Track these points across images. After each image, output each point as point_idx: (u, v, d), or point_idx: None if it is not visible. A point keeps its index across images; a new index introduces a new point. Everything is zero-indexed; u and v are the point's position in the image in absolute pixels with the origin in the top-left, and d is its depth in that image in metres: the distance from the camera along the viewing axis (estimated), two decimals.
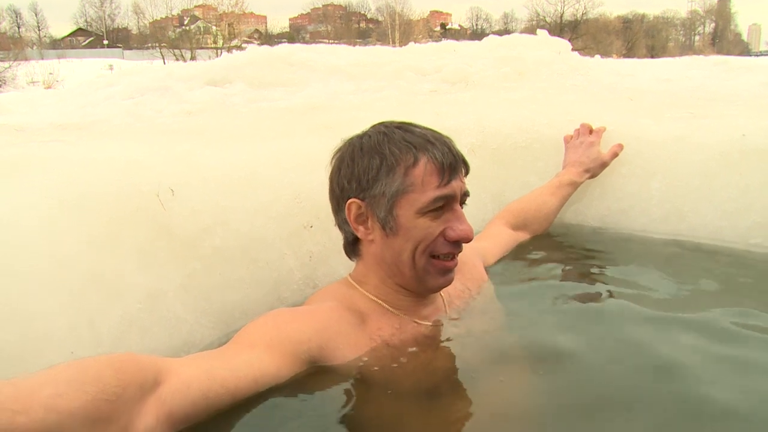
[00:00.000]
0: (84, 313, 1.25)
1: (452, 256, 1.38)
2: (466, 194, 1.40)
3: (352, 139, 1.42)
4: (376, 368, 1.27)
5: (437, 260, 1.36)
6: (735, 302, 1.66)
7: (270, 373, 1.15)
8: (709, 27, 77.06)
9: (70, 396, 0.85)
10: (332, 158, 1.43)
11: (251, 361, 1.14)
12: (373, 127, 1.43)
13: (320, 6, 78.53)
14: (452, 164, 1.34)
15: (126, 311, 1.32)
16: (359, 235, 1.40)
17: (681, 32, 76.07)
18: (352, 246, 1.46)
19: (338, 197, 1.41)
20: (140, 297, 1.36)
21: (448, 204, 1.34)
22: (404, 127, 1.39)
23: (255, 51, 3.63)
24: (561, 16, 58.93)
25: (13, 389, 0.83)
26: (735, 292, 1.76)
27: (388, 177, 1.33)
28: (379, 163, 1.33)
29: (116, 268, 1.36)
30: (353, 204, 1.37)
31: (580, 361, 1.37)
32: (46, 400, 0.83)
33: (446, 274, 1.39)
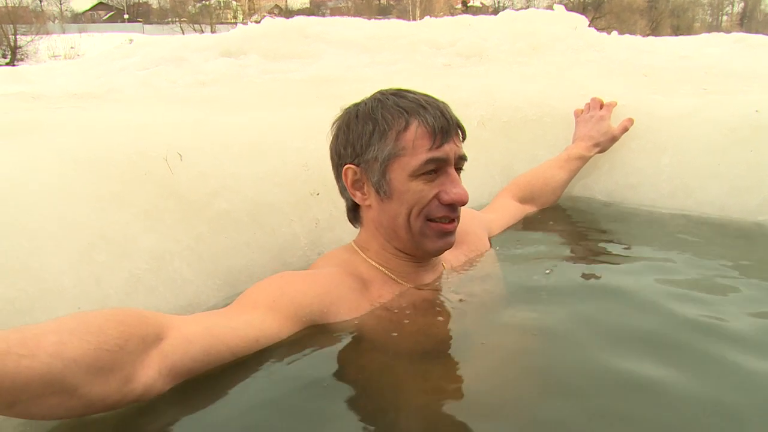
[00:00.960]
0: (92, 271, 1.28)
1: (449, 220, 1.39)
2: (462, 158, 1.41)
3: (349, 107, 1.45)
4: (375, 331, 1.29)
5: (434, 223, 1.38)
6: (741, 277, 1.66)
7: (271, 334, 1.19)
8: (738, 6, 75.36)
9: (74, 344, 0.89)
10: (331, 127, 1.46)
11: (253, 321, 1.18)
12: (371, 95, 1.45)
13: None
14: (444, 127, 1.35)
15: (133, 271, 1.36)
16: (357, 200, 1.43)
17: (708, 12, 74.46)
18: (354, 212, 1.49)
19: (336, 164, 1.44)
20: (147, 257, 1.39)
21: (442, 167, 1.36)
22: (399, 93, 1.41)
23: (270, 23, 3.64)
24: None
25: (20, 335, 0.86)
26: (741, 268, 1.75)
27: (380, 141, 1.35)
28: (372, 128, 1.36)
29: (124, 229, 1.40)
30: (349, 170, 1.40)
31: (579, 331, 1.37)
32: (50, 347, 0.86)
33: (444, 237, 1.40)
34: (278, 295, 1.25)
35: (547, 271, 1.65)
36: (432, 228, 1.38)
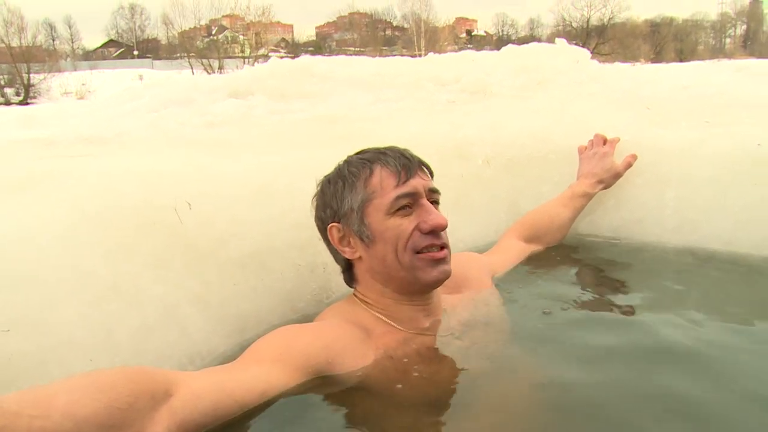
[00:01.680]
0: (103, 321, 1.30)
1: (437, 248, 1.43)
2: (433, 191, 1.47)
3: (322, 178, 1.55)
4: (380, 381, 1.31)
5: (422, 254, 1.41)
6: (749, 314, 1.66)
7: (278, 387, 1.20)
8: (741, 29, 75.76)
9: (85, 403, 0.91)
10: (311, 202, 1.56)
11: (259, 375, 1.19)
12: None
13: (346, 14, 79.03)
14: (405, 165, 1.43)
15: (143, 320, 1.38)
16: (347, 256, 1.48)
17: (711, 35, 74.88)
18: (349, 273, 1.54)
19: (322, 230, 1.53)
20: (157, 306, 1.42)
21: (414, 201, 1.42)
22: (363, 150, 1.52)
23: (277, 63, 3.70)
24: (587, 21, 58.44)
25: (33, 396, 0.89)
26: (749, 304, 1.75)
27: (351, 193, 1.44)
28: (342, 184, 1.46)
29: (134, 278, 1.42)
30: (333, 228, 1.48)
31: (587, 375, 1.37)
32: (62, 407, 0.88)
33: (437, 265, 1.43)
34: (284, 348, 1.27)
35: (552, 313, 1.65)
36: (422, 259, 1.41)
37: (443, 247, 1.43)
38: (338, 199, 1.47)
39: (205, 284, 1.54)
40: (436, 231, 1.41)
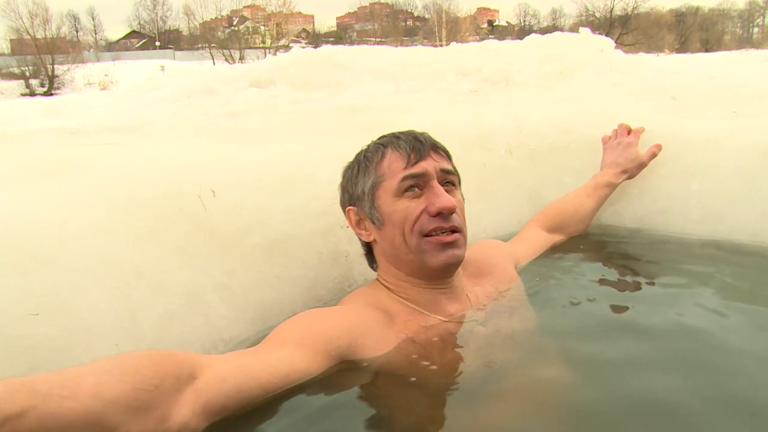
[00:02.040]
0: (128, 307, 1.32)
1: (445, 231, 1.42)
2: (446, 172, 1.47)
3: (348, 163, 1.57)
4: (403, 365, 1.31)
5: (430, 237, 1.41)
6: None
7: (301, 369, 1.21)
8: None
9: (112, 385, 0.92)
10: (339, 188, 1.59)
11: (283, 357, 1.20)
12: None
13: (367, 5, 78.86)
14: (416, 147, 1.44)
15: (168, 306, 1.39)
16: (363, 238, 1.52)
17: (738, 24, 73.54)
18: (370, 256, 1.56)
19: (343, 213, 1.56)
20: (181, 293, 1.43)
21: (424, 182, 1.43)
22: (383, 135, 1.54)
23: (298, 53, 3.70)
24: (611, 11, 57.64)
25: (61, 377, 0.90)
26: None
27: (364, 176, 1.47)
28: (357, 168, 1.50)
29: (159, 265, 1.44)
30: (350, 211, 1.52)
31: (613, 365, 1.37)
32: (90, 388, 0.90)
33: (445, 249, 1.42)
34: (307, 332, 1.28)
35: (577, 303, 1.64)
36: (429, 242, 1.41)
37: (454, 231, 1.43)
38: (353, 183, 1.51)
39: (229, 272, 1.55)
40: (444, 213, 1.40)
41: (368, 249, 1.55)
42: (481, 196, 2.15)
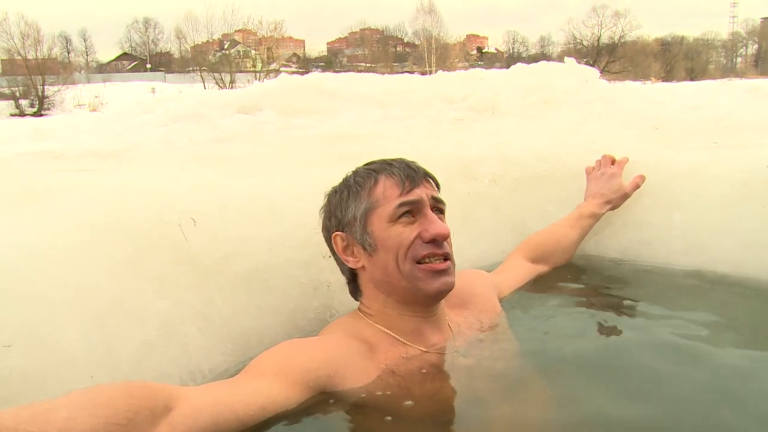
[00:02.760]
0: (104, 338, 1.30)
1: (438, 258, 1.42)
2: (437, 200, 1.48)
3: (331, 188, 1.57)
4: (383, 396, 1.30)
5: (423, 264, 1.41)
6: (756, 339, 1.64)
7: (278, 401, 1.19)
8: (752, 48, 75.67)
9: (83, 420, 0.91)
10: (319, 211, 1.58)
11: (260, 389, 1.19)
12: None
13: (357, 30, 79.55)
14: (410, 175, 1.45)
15: (145, 337, 1.37)
16: (350, 265, 1.49)
17: (722, 54, 74.81)
18: (353, 284, 1.54)
19: (327, 239, 1.54)
20: (159, 323, 1.41)
21: (418, 209, 1.43)
22: (371, 162, 1.53)
23: (286, 79, 3.72)
24: (598, 39, 58.55)
25: (30, 412, 0.88)
26: (757, 328, 1.73)
27: (356, 201, 1.46)
28: (347, 193, 1.48)
29: (137, 294, 1.42)
30: (337, 237, 1.50)
31: (594, 397, 1.36)
32: (60, 423, 0.88)
33: (438, 276, 1.42)
34: (285, 363, 1.26)
35: (559, 334, 1.64)
36: (422, 270, 1.41)
37: (446, 258, 1.44)
38: (343, 208, 1.48)
39: (208, 301, 1.54)
40: (438, 240, 1.41)
41: (352, 277, 1.53)
42: (465, 226, 2.15)
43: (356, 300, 1.56)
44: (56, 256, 1.39)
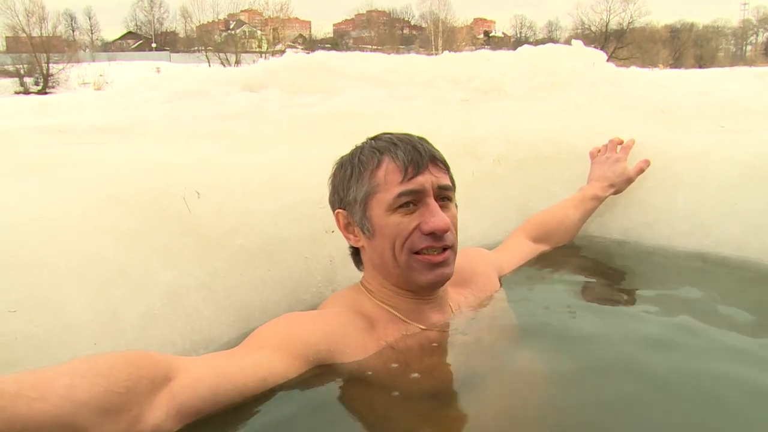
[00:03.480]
0: (109, 305, 1.32)
1: (436, 251, 1.39)
2: (443, 187, 1.41)
3: (340, 157, 1.52)
4: (382, 372, 1.30)
5: (420, 255, 1.38)
6: (757, 322, 1.64)
7: (278, 373, 1.20)
8: (763, 36, 74.97)
9: (84, 387, 0.92)
10: (328, 181, 1.54)
11: (260, 360, 1.20)
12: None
13: (364, 12, 79.08)
14: (415, 160, 1.38)
15: (149, 306, 1.39)
16: (351, 242, 1.49)
17: (732, 42, 74.16)
18: (356, 257, 1.54)
19: (332, 212, 1.52)
20: (164, 293, 1.43)
21: (420, 199, 1.38)
22: (378, 137, 1.48)
23: (291, 57, 3.71)
24: (606, 25, 58.08)
25: (32, 378, 0.90)
26: (759, 311, 1.73)
27: (357, 183, 1.42)
28: (350, 172, 1.44)
29: (142, 264, 1.43)
30: (339, 214, 1.48)
31: (592, 376, 1.36)
32: (61, 390, 0.89)
33: (434, 269, 1.39)
34: (286, 335, 1.27)
35: (559, 313, 1.65)
36: (419, 261, 1.39)
37: (445, 248, 1.40)
38: (345, 187, 1.45)
39: (213, 273, 1.55)
40: (437, 233, 1.37)
41: (355, 250, 1.53)
42: (468, 204, 2.15)
43: (359, 270, 1.55)
44: (62, 225, 1.40)
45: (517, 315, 1.61)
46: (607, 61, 3.89)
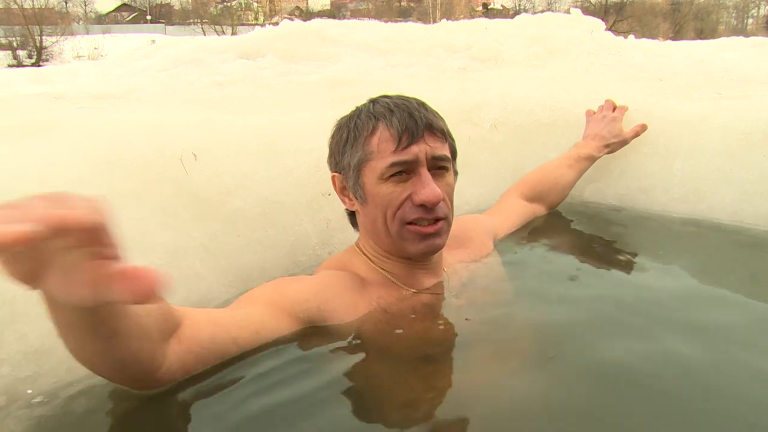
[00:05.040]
0: None
1: (428, 222, 1.37)
2: (438, 158, 1.38)
3: (340, 118, 1.50)
4: (373, 335, 1.31)
5: (412, 226, 1.36)
6: (751, 286, 1.65)
7: (269, 327, 1.21)
8: (765, 9, 74.24)
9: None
10: (328, 142, 1.52)
11: (252, 314, 1.21)
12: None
13: None
14: (410, 128, 1.34)
15: (149, 266, 1.39)
16: (346, 206, 1.49)
17: (733, 15, 73.46)
18: (353, 218, 1.53)
19: (330, 171, 1.50)
20: (162, 253, 1.44)
21: (412, 168, 1.35)
22: (377, 100, 1.44)
23: (288, 25, 3.68)
24: None
25: None
26: (752, 277, 1.74)
27: (352, 148, 1.39)
28: (346, 136, 1.42)
29: (140, 225, 1.44)
30: (335, 177, 1.47)
31: (587, 338, 1.36)
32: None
33: (425, 239, 1.37)
34: (275, 294, 1.28)
35: (554, 276, 1.66)
36: (410, 231, 1.37)
37: (438, 220, 1.37)
38: (340, 152, 1.43)
39: (210, 235, 1.56)
40: (427, 205, 1.34)
41: (351, 212, 1.52)
42: (465, 170, 2.12)
43: (356, 232, 1.55)
44: (60, 186, 1.40)
45: (511, 279, 1.62)
46: (605, 29, 3.87)
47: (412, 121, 1.35)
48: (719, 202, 2.09)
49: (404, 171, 1.34)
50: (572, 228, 2.07)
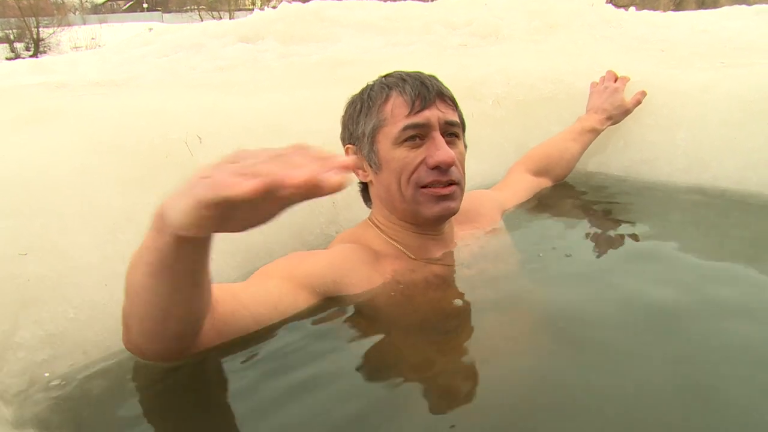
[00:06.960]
0: (117, 249, 1.33)
1: (442, 184, 1.40)
2: (450, 123, 1.42)
3: (352, 95, 1.53)
4: (386, 304, 1.33)
5: (426, 189, 1.39)
6: (758, 252, 1.65)
7: (287, 302, 1.23)
8: None
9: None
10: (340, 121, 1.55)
11: (270, 289, 1.23)
12: None
13: None
14: (422, 94, 1.39)
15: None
16: (360, 178, 1.50)
17: None
18: (365, 193, 1.55)
19: (342, 147, 1.52)
20: None
21: (425, 133, 1.39)
22: (389, 74, 1.49)
23: (287, 7, 3.66)
24: None
25: None
26: (758, 243, 1.74)
27: (366, 117, 1.44)
28: (360, 106, 1.46)
29: (147, 209, 1.43)
30: (348, 149, 1.49)
31: (595, 308, 1.37)
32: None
33: (440, 201, 1.40)
34: (291, 268, 1.30)
35: (561, 247, 1.66)
36: (424, 194, 1.40)
37: (451, 183, 1.40)
38: (354, 122, 1.47)
39: None
40: (442, 167, 1.37)
41: (364, 186, 1.54)
42: (468, 146, 2.14)
43: (367, 206, 1.57)
44: (66, 173, 1.42)
45: (520, 250, 1.63)
46: (606, 2, 3.84)
47: (424, 87, 1.41)
48: (723, 172, 2.08)
49: (418, 136, 1.39)
50: (577, 200, 2.08)
